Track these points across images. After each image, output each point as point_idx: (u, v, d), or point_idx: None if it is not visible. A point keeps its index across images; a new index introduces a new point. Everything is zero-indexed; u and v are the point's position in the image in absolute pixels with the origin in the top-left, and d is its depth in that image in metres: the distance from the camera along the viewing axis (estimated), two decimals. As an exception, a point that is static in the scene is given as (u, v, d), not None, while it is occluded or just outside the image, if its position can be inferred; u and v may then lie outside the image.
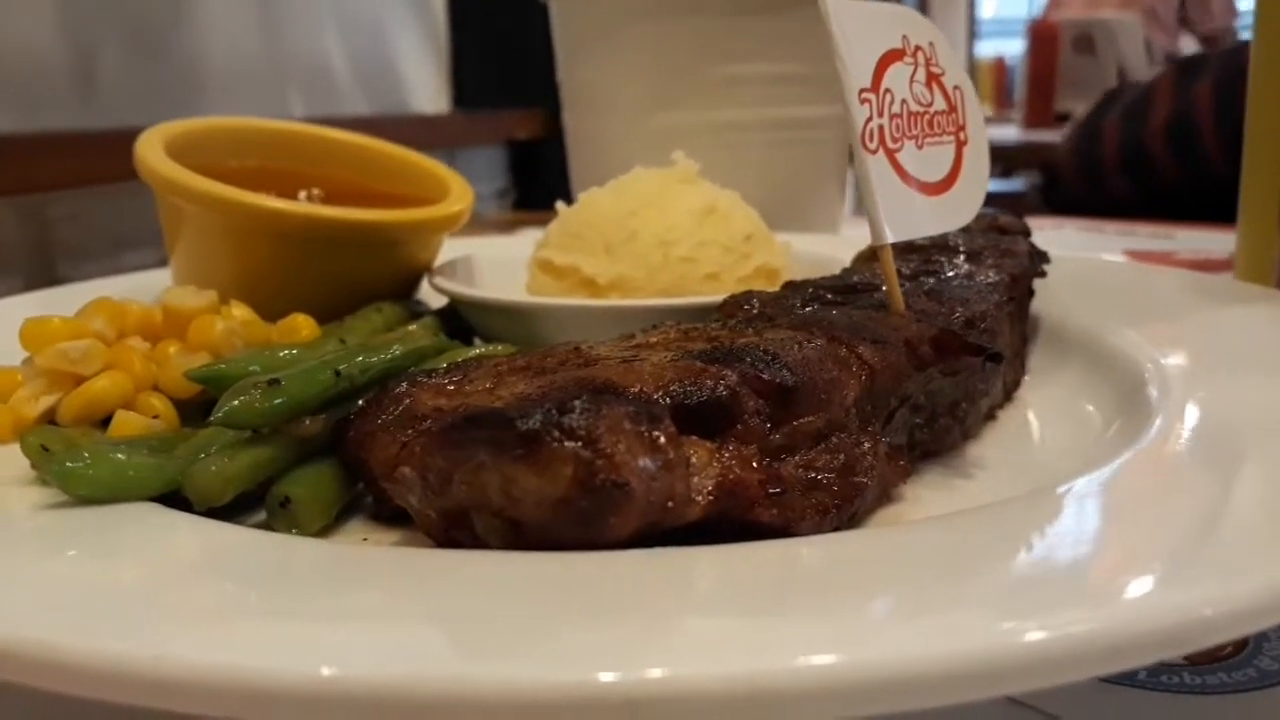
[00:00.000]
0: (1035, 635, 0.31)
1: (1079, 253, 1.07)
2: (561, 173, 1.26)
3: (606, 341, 0.59)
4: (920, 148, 0.62)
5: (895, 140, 0.60)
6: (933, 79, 0.64)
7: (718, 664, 0.29)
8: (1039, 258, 0.75)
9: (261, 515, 0.49)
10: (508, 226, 1.65)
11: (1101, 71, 3.87)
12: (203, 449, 0.49)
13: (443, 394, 0.51)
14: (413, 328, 0.73)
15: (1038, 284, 0.78)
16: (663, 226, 0.77)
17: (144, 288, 0.79)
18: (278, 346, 0.58)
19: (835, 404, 0.51)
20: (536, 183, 2.54)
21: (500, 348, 0.66)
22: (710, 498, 0.43)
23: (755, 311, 0.63)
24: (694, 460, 0.44)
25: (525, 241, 0.95)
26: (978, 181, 0.65)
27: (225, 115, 0.85)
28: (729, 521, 0.45)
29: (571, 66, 1.18)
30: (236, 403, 0.48)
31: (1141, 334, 0.69)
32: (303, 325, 0.63)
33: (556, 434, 0.39)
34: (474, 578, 0.37)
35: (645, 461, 0.41)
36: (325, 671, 0.30)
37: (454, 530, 0.45)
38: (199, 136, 0.80)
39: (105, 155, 1.06)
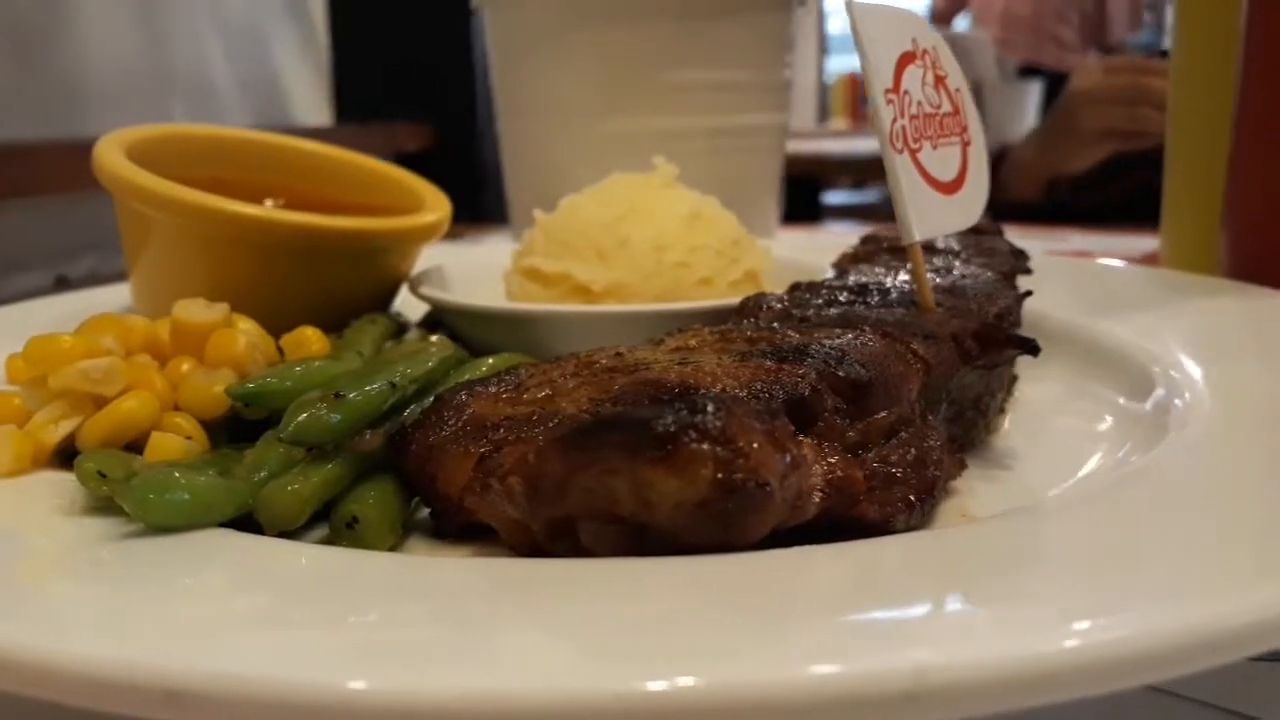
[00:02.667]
0: (1189, 621, 0.31)
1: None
2: (453, 185, 1.23)
3: (640, 346, 0.58)
4: (935, 148, 0.63)
5: (915, 141, 0.61)
6: (939, 81, 0.65)
7: (992, 650, 0.28)
8: (1019, 255, 0.78)
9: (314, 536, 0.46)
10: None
11: (955, 85, 4.04)
12: (256, 470, 0.46)
13: (505, 403, 0.50)
14: (412, 337, 0.70)
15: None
16: (654, 232, 0.76)
17: (92, 306, 0.74)
18: (305, 361, 0.55)
19: (904, 399, 0.51)
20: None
21: (515, 356, 0.64)
22: (822, 495, 0.43)
23: (778, 312, 0.63)
24: (806, 458, 0.43)
25: (491, 250, 0.92)
26: (982, 181, 0.67)
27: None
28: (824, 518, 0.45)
29: (509, 74, 1.16)
30: (303, 418, 0.45)
31: (1118, 324, 0.73)
32: (313, 338, 0.60)
33: (693, 434, 0.38)
34: (651, 582, 0.36)
35: (778, 460, 0.40)
36: (523, 684, 0.28)
37: (555, 541, 0.43)
38: (156, 144, 0.76)
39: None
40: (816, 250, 0.87)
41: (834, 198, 5.07)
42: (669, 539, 0.40)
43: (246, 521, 0.44)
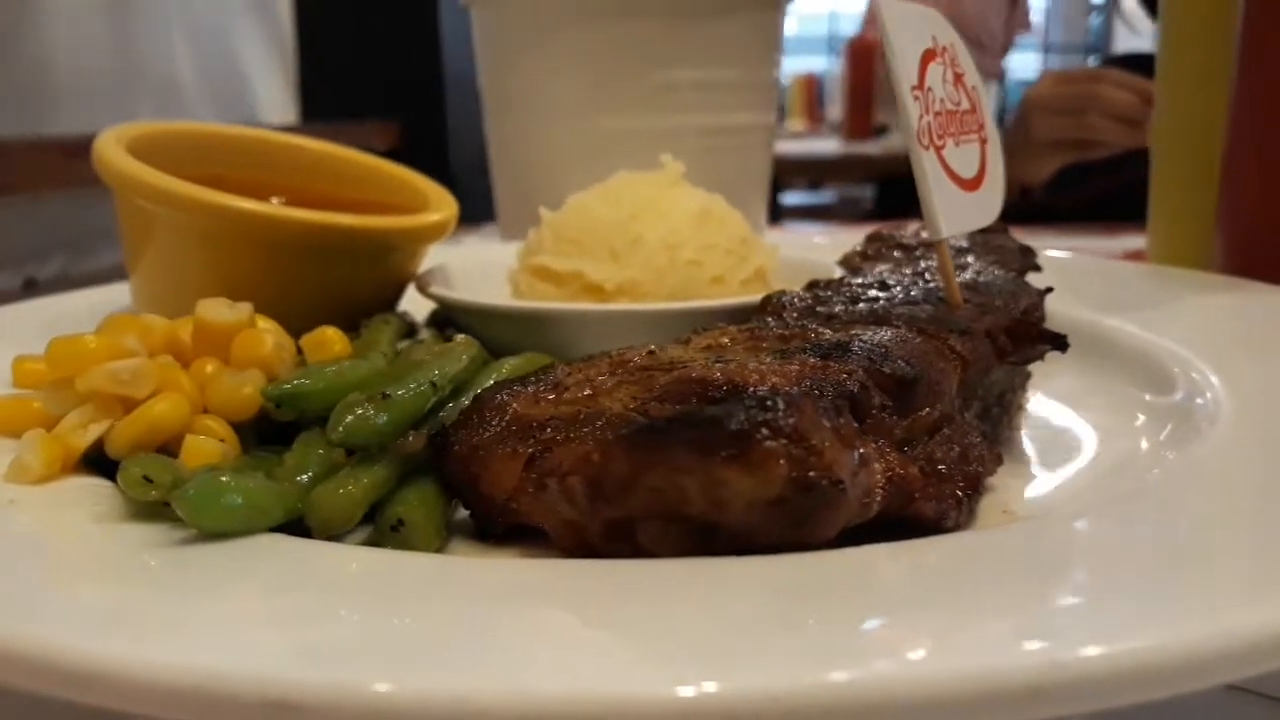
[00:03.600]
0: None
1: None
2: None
3: (668, 345, 0.57)
4: (957, 145, 0.63)
5: (940, 138, 0.61)
6: (958, 79, 0.66)
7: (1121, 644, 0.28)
8: (1028, 252, 0.78)
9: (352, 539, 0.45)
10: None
11: (915, 86, 4.08)
12: (298, 473, 0.45)
13: (547, 403, 0.49)
14: (424, 336, 0.69)
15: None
16: (665, 230, 0.76)
17: (93, 305, 0.72)
18: (334, 361, 0.54)
19: (945, 396, 0.51)
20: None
21: (537, 356, 0.63)
22: (883, 492, 0.43)
23: (804, 310, 0.62)
24: (870, 455, 0.43)
25: (491, 249, 0.91)
26: (999, 179, 0.67)
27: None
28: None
29: (499, 72, 1.15)
30: (350, 419, 0.44)
31: (1125, 319, 0.73)
32: (334, 339, 0.59)
33: (766, 432, 0.38)
34: (728, 582, 0.35)
35: (848, 458, 0.40)
36: (612, 688, 0.28)
37: (611, 542, 0.42)
38: (156, 140, 0.74)
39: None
40: (812, 249, 0.87)
41: (791, 199, 5.10)
42: (737, 538, 0.39)
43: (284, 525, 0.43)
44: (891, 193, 3.52)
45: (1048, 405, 0.68)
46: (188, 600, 0.35)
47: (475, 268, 0.86)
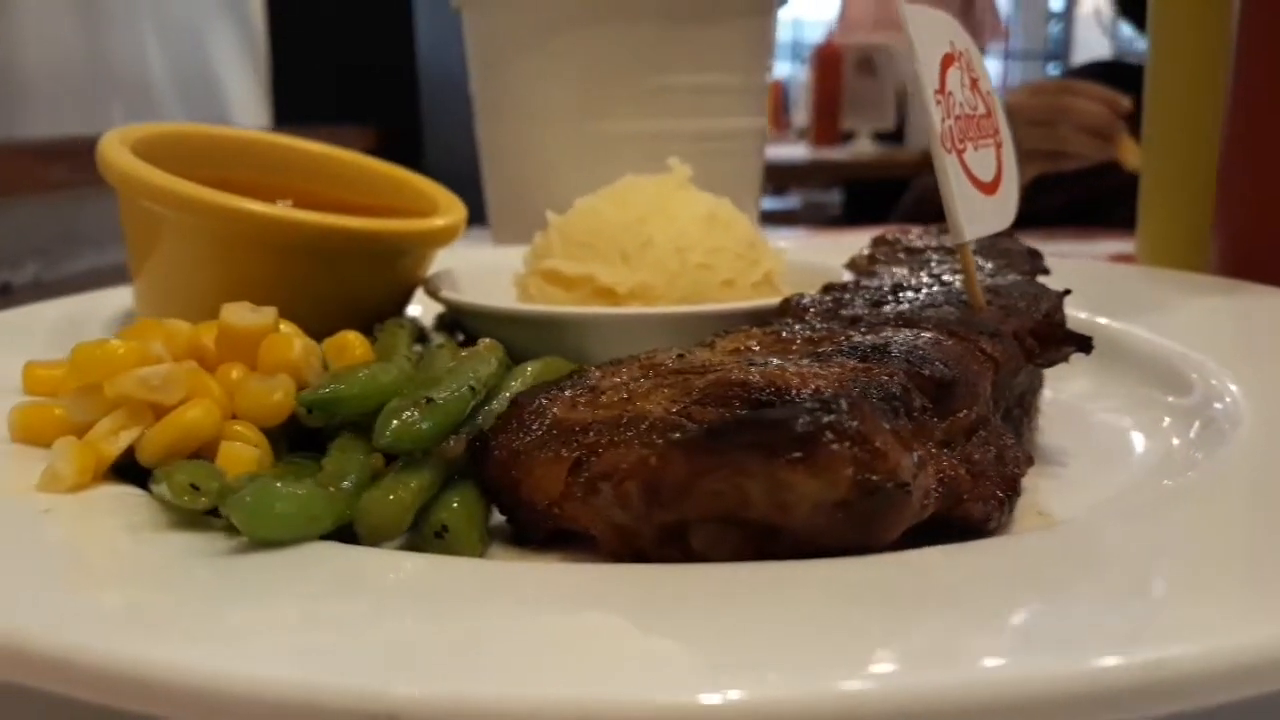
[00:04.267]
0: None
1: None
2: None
3: (694, 349, 0.57)
4: (975, 149, 0.64)
5: (960, 142, 0.62)
6: (974, 83, 0.66)
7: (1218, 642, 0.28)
8: (1035, 255, 0.79)
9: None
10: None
11: (882, 92, 4.12)
12: (339, 480, 0.44)
13: (585, 407, 0.48)
14: (438, 342, 0.68)
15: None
16: (675, 233, 0.75)
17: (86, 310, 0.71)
18: (364, 366, 0.53)
19: (981, 397, 0.51)
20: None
21: (557, 360, 0.62)
22: (937, 494, 0.43)
23: (825, 313, 0.62)
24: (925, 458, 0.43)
25: (493, 253, 0.91)
26: (1014, 182, 0.68)
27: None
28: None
29: (491, 75, 1.14)
30: (396, 424, 0.43)
31: (1132, 321, 0.74)
32: (355, 343, 0.58)
33: (831, 435, 0.38)
34: (795, 585, 0.35)
35: (909, 460, 0.40)
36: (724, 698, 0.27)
37: (663, 547, 0.42)
38: (161, 142, 0.72)
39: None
40: (816, 253, 0.87)
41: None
42: (797, 542, 0.39)
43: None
44: (859, 198, 3.55)
45: (1062, 406, 0.69)
46: (260, 610, 0.34)
47: (480, 272, 0.85)
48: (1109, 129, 1.77)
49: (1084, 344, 0.57)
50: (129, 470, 0.47)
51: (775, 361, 0.51)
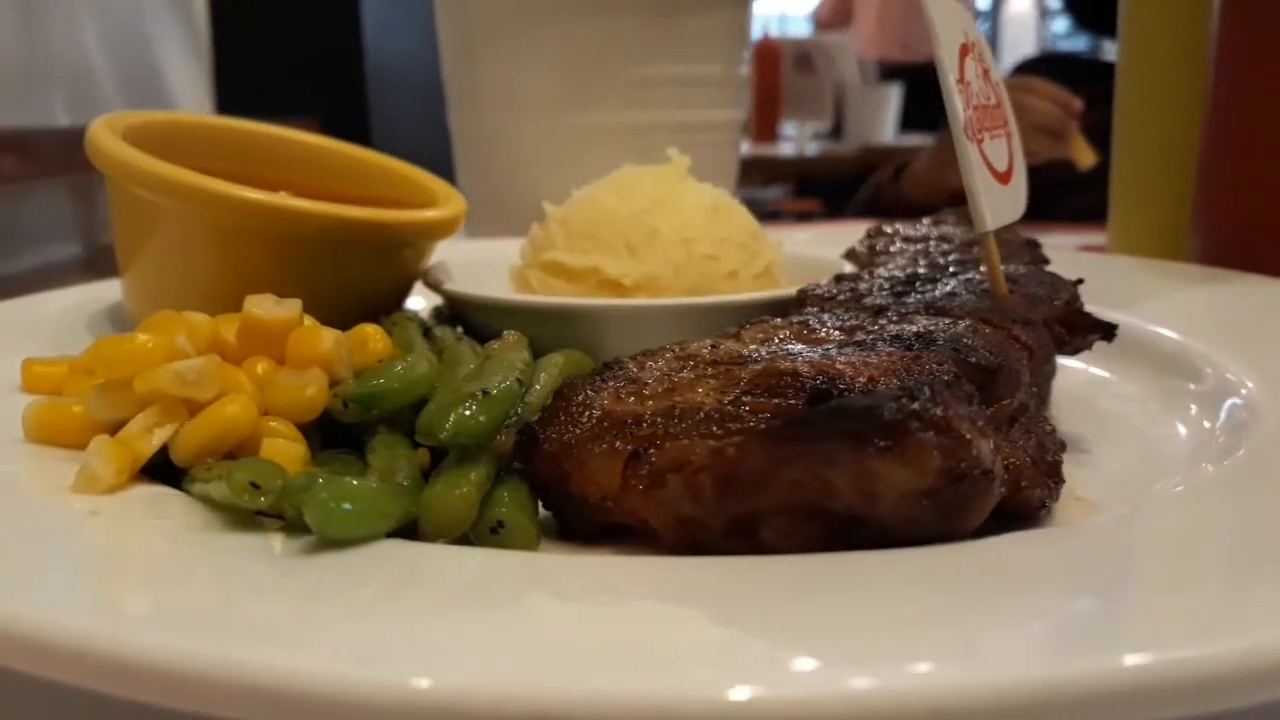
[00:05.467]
0: None
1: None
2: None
3: (719, 341, 0.56)
4: (991, 139, 0.64)
5: (979, 132, 0.62)
6: (985, 74, 0.66)
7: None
8: (1034, 245, 0.79)
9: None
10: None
11: (820, 88, 4.16)
12: (390, 476, 0.43)
13: (632, 400, 0.47)
14: (441, 333, 0.67)
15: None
16: (680, 224, 0.75)
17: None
18: (401, 360, 0.51)
19: (1022, 385, 0.51)
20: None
21: (576, 354, 0.61)
22: (1004, 481, 0.43)
23: (848, 304, 0.62)
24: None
25: (488, 246, 0.89)
26: (1023, 172, 0.68)
27: None
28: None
29: (467, 66, 1.12)
30: (455, 418, 0.42)
31: (1129, 311, 0.75)
32: (374, 335, 0.56)
33: (918, 423, 0.37)
34: (905, 574, 0.35)
35: (988, 447, 0.39)
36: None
37: (731, 539, 0.41)
38: (151, 130, 0.70)
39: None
40: (811, 245, 0.87)
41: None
42: (878, 532, 0.39)
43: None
44: (808, 193, 3.57)
45: (1071, 393, 0.69)
46: (374, 612, 0.33)
47: (472, 265, 0.84)
48: (1060, 127, 1.80)
49: (1109, 331, 0.58)
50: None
51: (820, 351, 0.50)
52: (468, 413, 0.42)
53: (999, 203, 0.62)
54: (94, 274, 1.37)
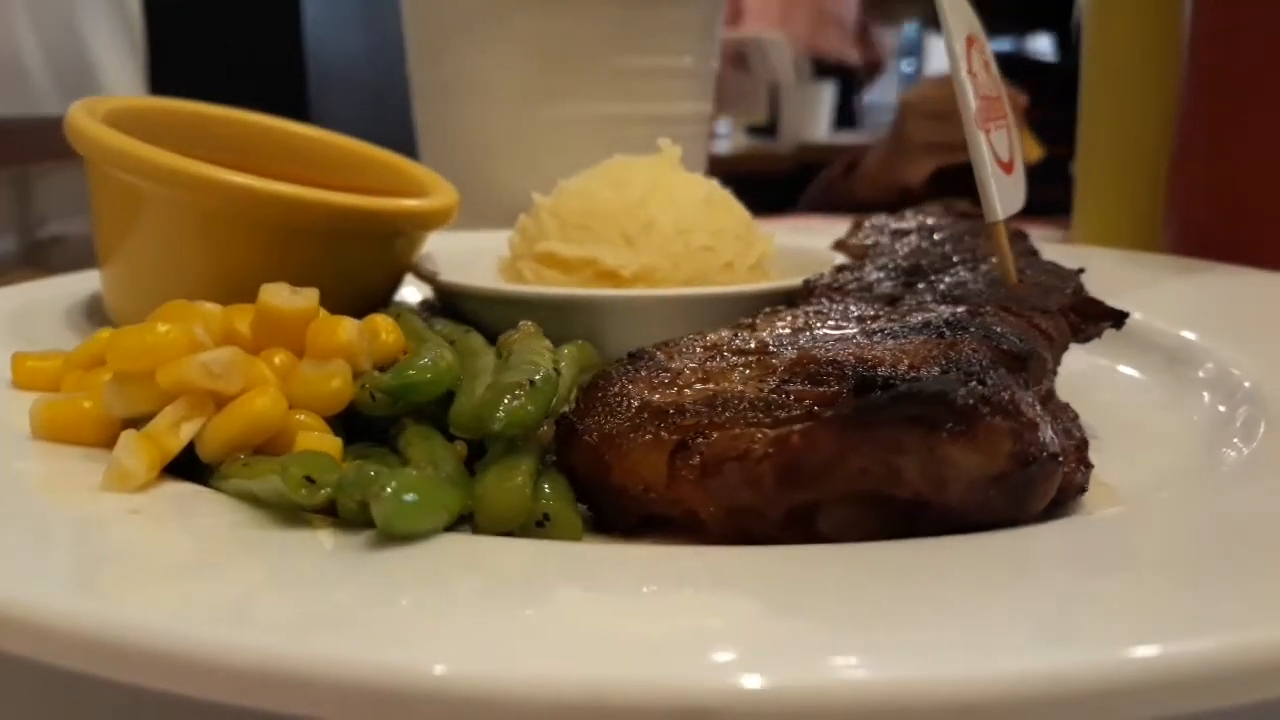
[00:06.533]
0: None
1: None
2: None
3: (737, 331, 0.56)
4: (995, 130, 0.64)
5: (985, 122, 0.62)
6: (986, 66, 0.67)
7: None
8: (1021, 236, 0.80)
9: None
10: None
11: (755, 87, 4.17)
12: (434, 469, 0.42)
13: (669, 390, 0.47)
14: (442, 325, 0.65)
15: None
16: (676, 214, 0.74)
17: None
18: (430, 351, 0.50)
19: (1048, 372, 0.52)
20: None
21: (587, 345, 0.60)
22: (1057, 464, 0.43)
23: (860, 294, 0.62)
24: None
25: (473, 237, 0.88)
26: (1022, 164, 0.69)
27: None
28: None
29: (435, 57, 1.10)
30: (504, 409, 0.41)
31: (1119, 300, 0.77)
32: (384, 326, 0.54)
33: (988, 408, 0.37)
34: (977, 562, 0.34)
35: (1051, 431, 0.39)
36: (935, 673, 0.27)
37: (787, 529, 0.41)
38: (132, 115, 0.67)
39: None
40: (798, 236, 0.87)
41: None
42: (944, 518, 0.38)
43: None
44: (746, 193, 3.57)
45: (1069, 383, 0.70)
46: (493, 608, 0.31)
47: (458, 256, 0.82)
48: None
49: (1119, 319, 0.58)
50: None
51: (852, 339, 0.50)
52: (517, 403, 0.41)
53: (1006, 192, 0.63)
54: (33, 269, 1.32)
